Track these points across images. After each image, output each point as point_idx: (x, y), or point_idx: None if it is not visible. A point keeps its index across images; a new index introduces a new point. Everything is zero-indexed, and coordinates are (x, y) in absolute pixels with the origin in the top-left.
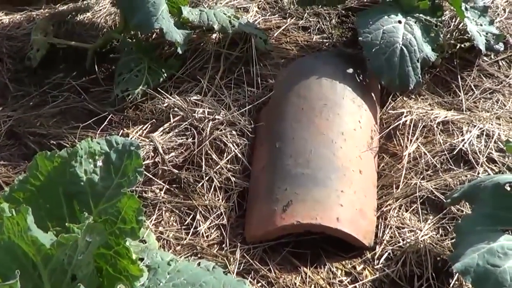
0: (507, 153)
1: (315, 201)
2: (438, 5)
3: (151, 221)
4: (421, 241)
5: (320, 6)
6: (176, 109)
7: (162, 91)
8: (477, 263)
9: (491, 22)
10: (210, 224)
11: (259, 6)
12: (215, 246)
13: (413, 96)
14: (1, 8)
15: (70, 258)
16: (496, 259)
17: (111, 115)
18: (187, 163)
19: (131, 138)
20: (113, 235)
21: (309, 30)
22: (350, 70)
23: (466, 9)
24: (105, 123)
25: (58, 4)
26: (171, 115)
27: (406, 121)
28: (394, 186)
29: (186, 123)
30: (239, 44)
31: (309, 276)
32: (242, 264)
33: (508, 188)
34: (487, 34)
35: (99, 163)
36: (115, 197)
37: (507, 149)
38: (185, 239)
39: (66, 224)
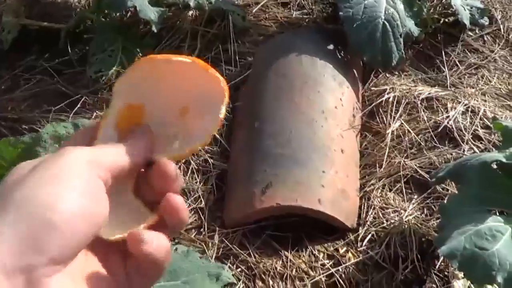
0: (494, 130)
1: (296, 182)
2: None
3: None
4: (406, 221)
5: None
6: None
7: None
8: (464, 246)
9: None
10: (187, 207)
11: None
12: (193, 230)
13: (396, 73)
14: None
15: None
16: (484, 242)
17: (84, 97)
18: None
19: None
20: None
21: (288, 6)
22: (331, 47)
23: None
24: (79, 105)
25: None
26: None
27: (389, 98)
28: (377, 165)
29: None
30: (217, 21)
31: (290, 260)
32: (221, 249)
33: (495, 167)
34: (471, 8)
35: None
36: None
37: (494, 127)
38: None
39: None
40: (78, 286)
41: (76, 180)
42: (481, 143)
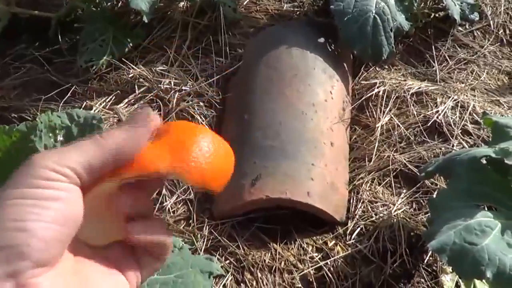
0: (483, 125)
1: (285, 175)
2: None
3: None
4: (394, 215)
5: None
6: (141, 79)
7: (127, 62)
8: (454, 241)
9: None
10: (176, 199)
11: None
12: (182, 222)
13: (386, 67)
14: None
15: None
16: (474, 237)
17: (74, 87)
18: None
19: (95, 111)
20: None
21: None
22: (322, 40)
23: None
24: (69, 95)
25: None
26: (136, 86)
27: (379, 92)
28: (366, 158)
29: (152, 94)
30: (208, 12)
31: (279, 252)
32: (210, 241)
33: (485, 162)
34: (462, 3)
35: (60, 138)
36: None
37: (484, 122)
38: None
39: None
40: (71, 282)
41: (44, 191)
42: (470, 138)
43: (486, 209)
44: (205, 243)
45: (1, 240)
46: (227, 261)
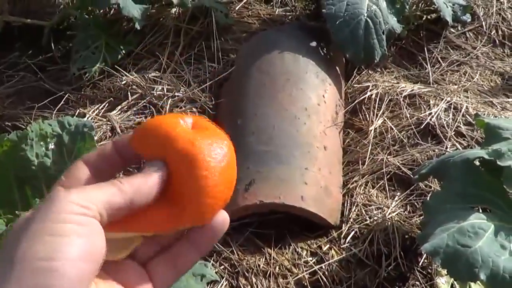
0: (476, 127)
1: (279, 180)
2: None
3: None
4: (389, 218)
5: None
6: (134, 86)
7: (120, 69)
8: (447, 244)
9: None
10: None
11: None
12: None
13: (379, 70)
14: None
15: None
16: (467, 239)
17: (68, 94)
18: None
19: (88, 118)
20: None
21: (271, 3)
22: (314, 44)
23: None
24: (62, 102)
25: None
26: (129, 93)
27: (371, 95)
28: (360, 162)
29: (145, 100)
30: (200, 18)
31: (273, 257)
32: None
33: (478, 164)
34: (454, 5)
35: (51, 146)
36: None
37: (477, 123)
38: None
39: (17, 211)
40: None
41: (68, 226)
42: (463, 140)
43: (480, 210)
44: None
45: (30, 280)
46: (222, 267)
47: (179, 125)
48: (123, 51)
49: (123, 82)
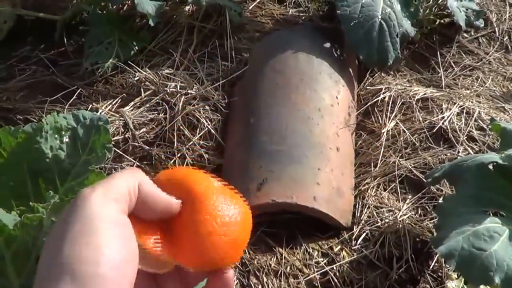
0: (488, 132)
1: (291, 179)
2: None
3: None
4: (400, 221)
5: None
6: (147, 83)
7: (133, 65)
8: (462, 247)
9: None
10: None
11: None
12: None
13: (392, 72)
14: None
15: (35, 239)
16: (482, 242)
17: (80, 89)
18: (158, 139)
19: (100, 113)
20: None
21: (285, 3)
22: (327, 45)
23: None
24: (74, 97)
25: None
26: (142, 89)
27: (384, 97)
28: (372, 164)
29: (158, 97)
30: (213, 16)
31: (284, 257)
32: None
33: (492, 168)
34: (467, 10)
35: (66, 139)
36: (82, 174)
37: (492, 128)
38: None
39: (31, 203)
40: None
41: (106, 226)
42: (475, 144)
43: (491, 214)
44: None
45: (79, 285)
46: (232, 265)
47: (199, 174)
48: (136, 47)
49: (136, 78)
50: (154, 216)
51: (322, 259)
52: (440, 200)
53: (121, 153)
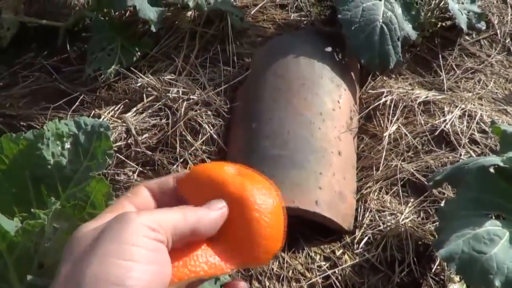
0: (491, 134)
1: (293, 184)
2: None
3: None
4: (402, 224)
5: None
6: (149, 89)
7: (136, 71)
8: (462, 250)
9: (473, 1)
10: None
11: None
12: None
13: (393, 76)
14: None
15: (37, 246)
16: (482, 246)
17: (83, 96)
18: (161, 145)
19: (103, 119)
20: (82, 220)
21: (286, 8)
22: (329, 49)
23: None
24: (77, 103)
25: None
26: (144, 95)
27: (386, 101)
28: (374, 167)
29: (160, 103)
30: (215, 22)
31: (287, 261)
32: None
33: (493, 171)
34: (468, 12)
35: (67, 146)
36: (84, 180)
37: (493, 131)
38: None
39: (32, 210)
40: None
41: (140, 251)
42: (477, 147)
43: (493, 218)
44: None
45: None
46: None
47: (226, 172)
48: (139, 53)
49: (139, 84)
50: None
51: (324, 263)
52: (442, 203)
53: (124, 159)
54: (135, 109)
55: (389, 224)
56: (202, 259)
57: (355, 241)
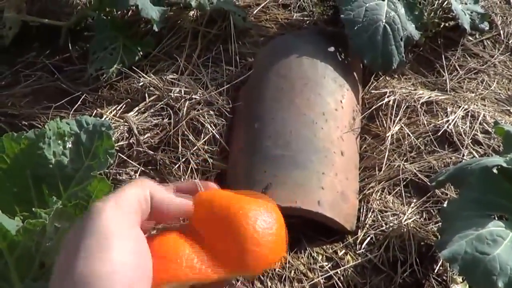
0: (494, 135)
1: (295, 184)
2: None
3: None
4: (405, 225)
5: None
6: (151, 88)
7: (138, 70)
8: (465, 250)
9: (476, 1)
10: None
11: None
12: None
13: (396, 76)
14: None
15: (38, 245)
16: (485, 246)
17: (85, 95)
18: (163, 144)
19: (105, 119)
20: None
21: (289, 8)
22: (332, 49)
23: None
24: (79, 103)
25: None
26: (146, 95)
27: (389, 101)
28: (376, 168)
29: (162, 102)
30: (218, 21)
31: (289, 261)
32: None
33: (496, 171)
34: (472, 13)
35: (69, 145)
36: (85, 180)
37: (496, 131)
38: None
39: (33, 209)
40: None
41: (120, 243)
42: (480, 147)
43: (496, 218)
44: None
45: None
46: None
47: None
48: (141, 53)
49: (141, 84)
50: (171, 219)
51: (326, 263)
52: (445, 204)
53: (126, 158)
54: (137, 108)
55: (391, 224)
56: (187, 263)
57: (358, 241)
